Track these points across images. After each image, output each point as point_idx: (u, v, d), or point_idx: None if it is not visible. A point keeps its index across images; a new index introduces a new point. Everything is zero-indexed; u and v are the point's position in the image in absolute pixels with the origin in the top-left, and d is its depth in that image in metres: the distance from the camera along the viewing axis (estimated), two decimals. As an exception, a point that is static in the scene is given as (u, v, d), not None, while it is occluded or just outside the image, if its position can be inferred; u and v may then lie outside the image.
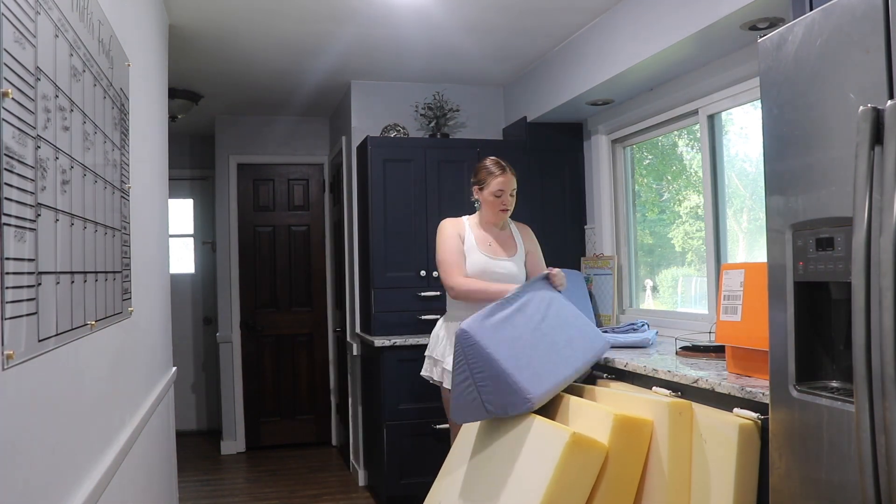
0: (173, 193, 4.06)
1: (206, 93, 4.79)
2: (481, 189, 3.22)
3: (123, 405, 2.08)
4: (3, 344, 1.08)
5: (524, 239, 3.32)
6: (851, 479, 1.49)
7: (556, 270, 3.02)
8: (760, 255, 2.62)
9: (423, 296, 4.19)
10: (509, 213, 3.24)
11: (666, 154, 4.13)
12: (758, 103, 2.43)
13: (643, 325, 3.55)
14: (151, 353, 2.71)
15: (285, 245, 5.77)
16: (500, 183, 3.17)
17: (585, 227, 4.50)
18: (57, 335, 1.36)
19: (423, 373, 3.30)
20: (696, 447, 2.24)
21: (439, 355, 3.17)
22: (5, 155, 1.10)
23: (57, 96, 1.38)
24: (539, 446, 2.36)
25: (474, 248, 3.18)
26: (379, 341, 3.94)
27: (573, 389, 2.77)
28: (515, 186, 3.22)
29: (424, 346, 3.39)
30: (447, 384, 3.07)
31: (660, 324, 3.72)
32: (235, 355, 5.61)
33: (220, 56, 4.05)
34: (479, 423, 2.78)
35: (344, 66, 4.33)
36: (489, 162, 3.23)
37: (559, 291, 2.99)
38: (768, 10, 2.61)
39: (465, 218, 3.32)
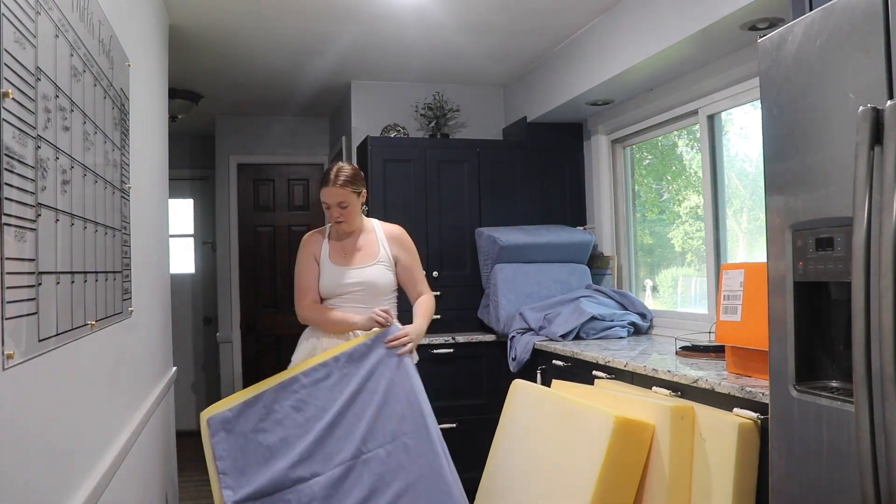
0: (173, 193, 4.06)
1: (206, 93, 4.79)
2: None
3: (123, 405, 2.08)
4: (3, 344, 1.08)
5: (390, 244, 2.90)
6: (851, 479, 1.49)
7: (403, 331, 2.62)
8: (760, 255, 2.62)
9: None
10: (345, 225, 2.82)
11: (666, 154, 4.13)
12: (758, 103, 2.42)
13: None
14: (151, 352, 2.71)
15: (285, 245, 5.77)
16: (322, 194, 2.79)
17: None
18: (57, 335, 1.36)
19: None
20: (696, 447, 2.24)
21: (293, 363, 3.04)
22: (5, 155, 1.10)
23: (57, 96, 1.38)
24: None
25: (327, 261, 2.89)
26: (379, 341, 3.93)
27: (572, 389, 2.77)
28: (346, 199, 2.75)
29: (425, 347, 3.40)
30: None
31: (660, 324, 3.72)
32: (235, 355, 5.60)
33: (220, 56, 4.05)
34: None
35: (344, 66, 4.33)
36: (330, 169, 2.82)
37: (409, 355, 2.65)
38: (768, 10, 2.61)
39: (328, 226, 2.95)
